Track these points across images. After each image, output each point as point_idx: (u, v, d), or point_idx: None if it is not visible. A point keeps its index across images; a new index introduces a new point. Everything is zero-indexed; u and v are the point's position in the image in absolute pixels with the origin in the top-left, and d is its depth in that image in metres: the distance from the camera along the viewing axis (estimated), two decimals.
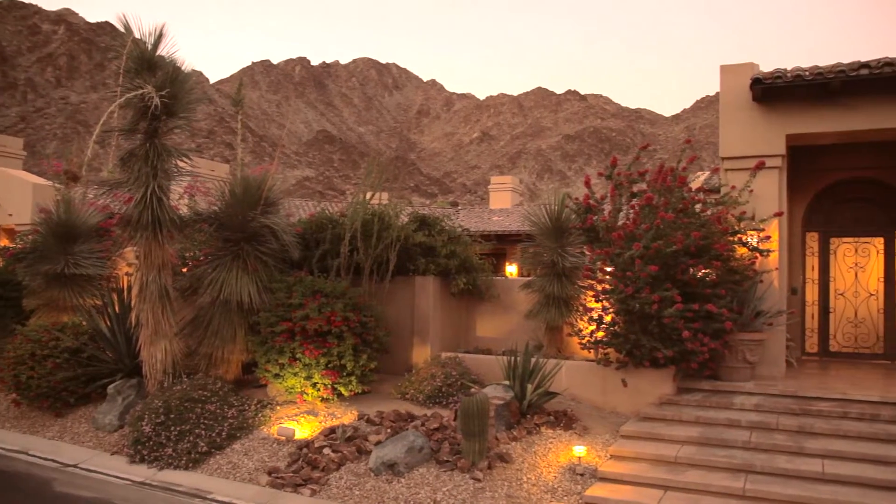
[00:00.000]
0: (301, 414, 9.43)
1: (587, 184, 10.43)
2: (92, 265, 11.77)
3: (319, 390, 9.69)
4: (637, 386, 9.26)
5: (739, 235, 9.80)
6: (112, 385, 10.06)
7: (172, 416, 8.82)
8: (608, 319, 9.58)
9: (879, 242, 12.32)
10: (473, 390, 8.29)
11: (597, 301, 9.73)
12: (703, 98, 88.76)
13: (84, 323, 11.11)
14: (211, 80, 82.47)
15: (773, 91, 9.97)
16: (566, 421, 8.83)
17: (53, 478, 8.30)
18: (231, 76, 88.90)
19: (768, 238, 9.93)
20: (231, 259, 10.17)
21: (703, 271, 9.33)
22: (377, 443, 8.31)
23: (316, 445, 8.45)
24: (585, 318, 10.04)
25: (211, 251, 10.78)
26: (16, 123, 60.00)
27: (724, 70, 10.59)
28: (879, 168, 12.12)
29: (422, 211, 13.14)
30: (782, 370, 10.16)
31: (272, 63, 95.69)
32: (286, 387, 9.80)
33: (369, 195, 11.36)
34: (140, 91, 9.12)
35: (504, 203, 28.43)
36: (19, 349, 10.30)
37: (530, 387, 8.99)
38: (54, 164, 13.91)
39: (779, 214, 10.13)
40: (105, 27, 70.36)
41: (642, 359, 9.10)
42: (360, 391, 10.04)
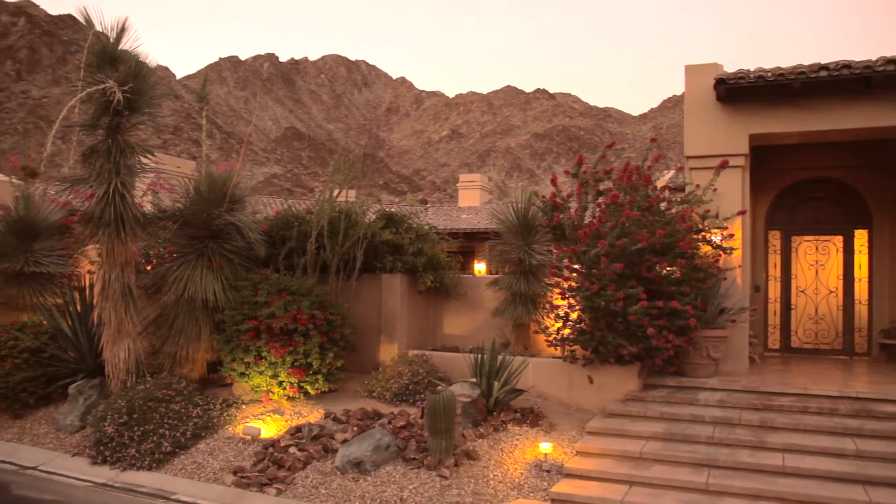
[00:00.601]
0: (267, 413, 9.35)
1: (553, 182, 10.49)
2: (53, 263, 11.53)
3: (286, 389, 9.63)
4: (603, 382, 9.34)
5: (703, 233, 9.91)
6: (73, 385, 9.87)
7: (136, 416, 8.69)
8: (574, 317, 9.64)
9: (839, 241, 12.58)
10: (440, 388, 8.29)
11: (563, 298, 9.79)
12: (671, 98, 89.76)
13: (44, 322, 10.88)
14: (178, 76, 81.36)
15: (737, 91, 10.11)
16: (533, 418, 8.88)
17: (11, 481, 8.13)
18: (198, 72, 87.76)
19: (732, 236, 10.07)
20: (196, 257, 10.04)
21: (668, 269, 9.42)
22: (344, 441, 8.28)
23: (282, 444, 8.40)
24: (552, 316, 10.08)
25: (175, 249, 10.63)
26: None
27: (689, 70, 10.72)
28: (839, 168, 12.37)
29: (390, 209, 13.11)
30: (745, 366, 10.32)
31: (240, 59, 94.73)
32: (252, 385, 9.72)
33: (336, 193, 11.31)
34: (101, 86, 8.97)
35: (473, 201, 28.50)
36: None
37: (497, 384, 9.02)
38: (12, 160, 13.61)
39: (742, 213, 10.28)
40: (67, 20, 68.95)
41: (608, 356, 9.18)
42: (327, 389, 9.99)
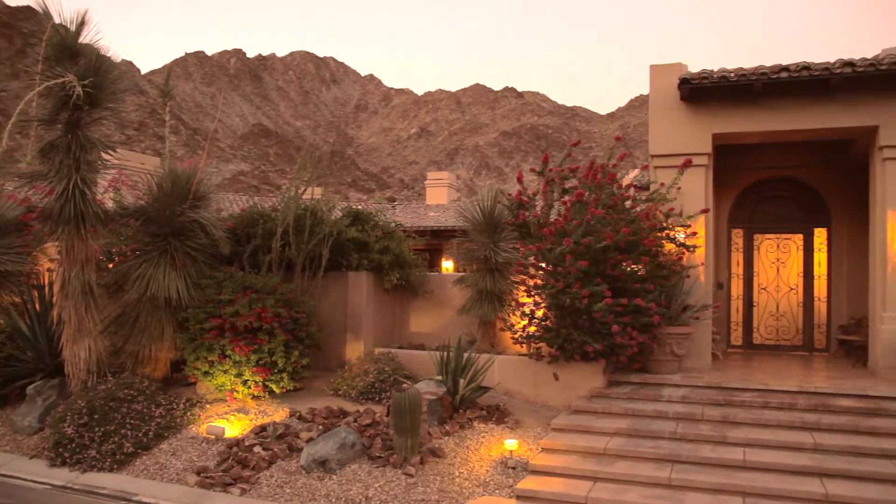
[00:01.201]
0: (231, 412, 9.26)
1: (520, 180, 10.53)
2: (10, 261, 11.24)
3: (250, 388, 9.55)
4: (568, 379, 9.40)
5: (667, 231, 10.02)
6: (32, 386, 9.67)
7: (96, 417, 8.55)
8: (540, 314, 9.70)
9: (799, 239, 12.82)
10: (406, 386, 8.28)
11: (529, 296, 9.84)
12: (638, 97, 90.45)
13: (1, 321, 10.64)
14: (142, 71, 79.92)
15: (700, 91, 10.23)
16: (498, 415, 8.90)
17: None
18: (163, 67, 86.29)
19: (695, 234, 10.20)
20: (159, 254, 9.91)
21: (633, 266, 9.51)
22: (309, 440, 8.23)
23: (246, 444, 8.32)
24: (518, 313, 10.12)
25: (138, 246, 10.46)
26: None
27: (654, 70, 10.82)
28: (800, 168, 12.61)
29: (357, 206, 13.06)
30: (708, 362, 10.47)
31: (207, 54, 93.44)
32: (216, 384, 9.62)
33: (302, 190, 11.23)
34: (60, 80, 8.79)
35: (441, 199, 28.48)
36: None
37: (463, 381, 9.04)
38: None
39: (705, 211, 10.41)
40: (27, 12, 67.40)
41: (573, 353, 9.25)
42: (292, 388, 9.93)
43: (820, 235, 12.72)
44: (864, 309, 11.20)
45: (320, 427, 8.59)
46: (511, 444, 7.85)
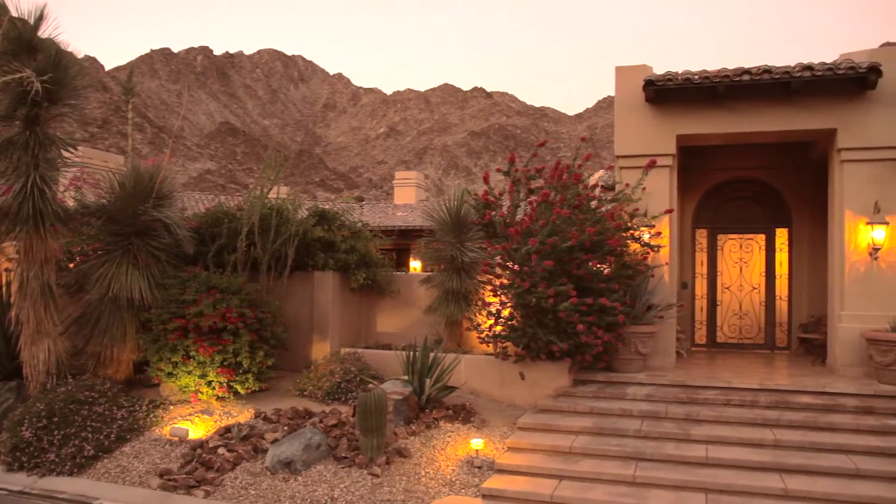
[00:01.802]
0: (195, 413, 9.15)
1: (486, 180, 10.55)
2: None
3: (215, 389, 9.45)
4: (534, 379, 9.44)
5: (632, 231, 10.11)
6: None
7: (56, 420, 8.40)
8: (506, 314, 9.73)
9: (761, 239, 13.02)
10: (372, 386, 8.25)
11: (495, 296, 9.87)
12: (606, 98, 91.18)
13: None
14: (106, 67, 78.60)
15: (665, 93, 10.34)
16: (465, 414, 8.92)
17: None
18: (128, 63, 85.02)
19: (659, 234, 10.31)
20: (121, 254, 9.77)
21: (598, 266, 9.59)
22: (274, 441, 8.17)
23: (210, 445, 8.23)
24: (484, 313, 10.15)
25: (99, 246, 10.31)
26: None
27: (619, 71, 10.91)
28: (762, 169, 12.80)
29: (324, 206, 12.99)
30: (673, 361, 10.59)
31: (172, 52, 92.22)
32: (180, 386, 9.50)
33: (268, 189, 11.14)
34: (18, 75, 8.61)
35: (409, 198, 28.45)
36: None
37: (429, 381, 9.04)
38: None
39: (669, 211, 10.53)
40: None
41: (539, 352, 9.30)
42: (258, 389, 9.85)
43: (781, 235, 12.94)
44: (824, 308, 11.42)
45: (286, 428, 8.53)
46: (477, 444, 7.86)
